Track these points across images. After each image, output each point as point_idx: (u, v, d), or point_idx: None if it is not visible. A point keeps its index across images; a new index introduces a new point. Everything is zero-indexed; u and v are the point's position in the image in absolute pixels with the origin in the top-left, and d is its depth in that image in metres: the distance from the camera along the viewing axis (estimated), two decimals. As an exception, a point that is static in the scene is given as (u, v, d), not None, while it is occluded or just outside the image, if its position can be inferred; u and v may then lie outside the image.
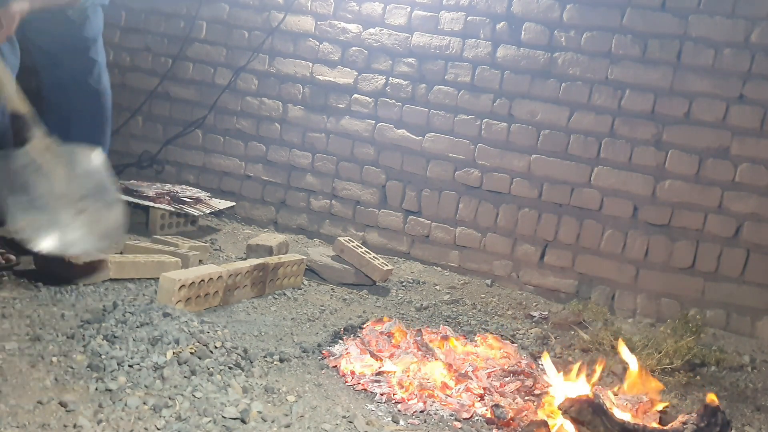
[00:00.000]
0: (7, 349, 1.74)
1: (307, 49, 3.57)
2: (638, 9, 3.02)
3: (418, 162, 3.40)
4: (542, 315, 2.91)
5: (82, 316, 2.03)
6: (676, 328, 2.64)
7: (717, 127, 2.96)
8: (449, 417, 1.83)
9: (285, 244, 3.12)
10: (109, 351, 1.76)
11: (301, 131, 3.59)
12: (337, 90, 3.52)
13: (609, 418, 1.64)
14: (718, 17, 2.92)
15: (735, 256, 2.95)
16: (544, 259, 3.21)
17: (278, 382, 1.84)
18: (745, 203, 2.93)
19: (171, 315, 1.95)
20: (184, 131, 3.78)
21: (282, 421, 1.62)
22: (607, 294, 3.12)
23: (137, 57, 3.82)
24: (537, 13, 3.17)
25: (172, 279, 2.18)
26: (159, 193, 3.23)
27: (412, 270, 3.29)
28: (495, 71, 3.25)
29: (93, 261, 2.32)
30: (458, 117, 3.32)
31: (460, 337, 2.36)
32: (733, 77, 2.92)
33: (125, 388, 1.64)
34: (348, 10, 3.48)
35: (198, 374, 1.74)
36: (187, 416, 1.56)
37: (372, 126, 3.47)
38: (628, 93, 3.06)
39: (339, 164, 3.54)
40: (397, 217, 3.45)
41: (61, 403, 1.54)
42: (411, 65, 3.39)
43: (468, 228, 3.33)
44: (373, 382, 1.94)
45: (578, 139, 3.14)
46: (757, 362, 2.67)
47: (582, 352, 2.53)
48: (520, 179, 3.23)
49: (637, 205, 3.07)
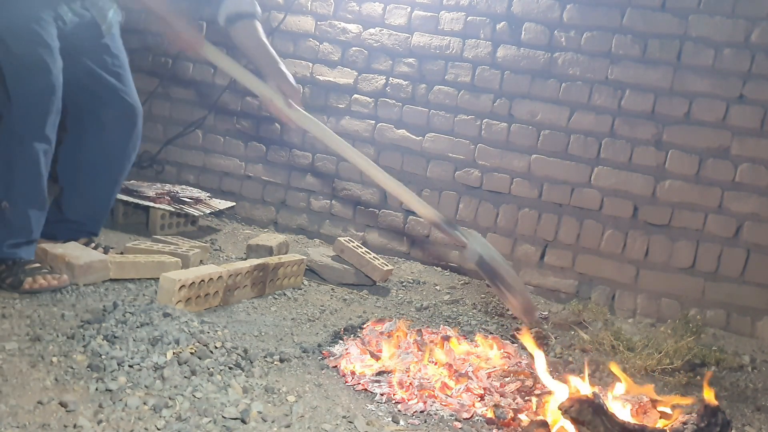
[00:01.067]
0: (7, 350, 1.74)
1: (307, 49, 3.57)
2: (638, 9, 3.02)
3: (418, 162, 3.40)
4: (542, 315, 2.91)
5: (83, 316, 2.03)
6: (676, 328, 2.64)
7: (717, 127, 2.96)
8: (449, 417, 1.83)
9: (285, 245, 3.12)
10: (109, 351, 1.76)
11: (301, 131, 3.59)
12: (337, 90, 3.52)
13: (609, 418, 1.64)
14: (718, 17, 2.92)
15: (735, 256, 2.95)
16: (544, 259, 3.21)
17: (278, 382, 1.84)
18: (745, 203, 2.93)
19: (171, 315, 1.96)
20: (184, 131, 3.78)
21: (282, 422, 1.62)
22: (607, 294, 3.12)
23: (137, 57, 3.82)
24: (537, 13, 3.17)
25: (172, 279, 2.18)
26: (159, 194, 3.23)
27: (412, 270, 3.29)
28: (495, 71, 3.25)
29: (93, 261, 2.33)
30: (458, 117, 3.32)
31: (460, 338, 2.36)
32: (734, 77, 2.92)
33: (125, 389, 1.64)
34: (348, 10, 3.48)
35: (198, 374, 1.74)
36: (187, 416, 1.56)
37: (372, 126, 3.47)
38: (628, 93, 3.06)
39: (339, 164, 3.54)
40: (397, 217, 3.45)
41: (62, 403, 1.54)
42: (411, 65, 3.39)
43: (468, 228, 3.32)
44: (373, 382, 1.94)
45: (578, 139, 3.14)
46: (757, 362, 2.67)
47: (582, 353, 2.53)
48: (520, 179, 3.23)
49: (638, 205, 3.07)
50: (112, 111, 2.47)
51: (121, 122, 2.50)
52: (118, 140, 2.52)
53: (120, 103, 2.48)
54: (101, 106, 2.45)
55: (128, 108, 2.50)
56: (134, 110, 2.53)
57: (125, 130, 2.52)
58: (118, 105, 2.48)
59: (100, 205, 2.60)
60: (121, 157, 2.56)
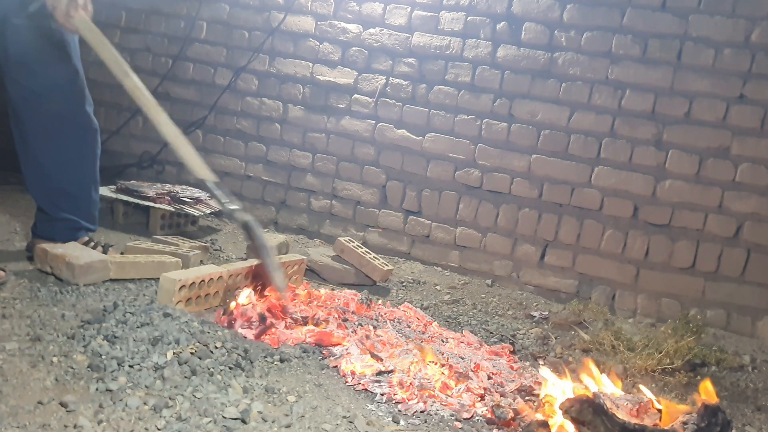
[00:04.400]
0: (7, 350, 1.74)
1: (307, 49, 3.57)
2: (638, 9, 3.02)
3: (419, 162, 3.40)
4: (542, 315, 2.91)
5: (83, 316, 2.03)
6: (676, 328, 2.64)
7: (717, 127, 2.96)
8: (450, 417, 1.83)
9: (285, 245, 3.12)
10: (109, 351, 1.76)
11: (301, 131, 3.59)
12: (337, 90, 3.52)
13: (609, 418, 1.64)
14: (718, 17, 2.92)
15: (735, 256, 2.95)
16: (544, 259, 3.21)
17: (279, 382, 1.84)
18: (745, 203, 2.93)
19: (171, 315, 1.95)
20: (185, 131, 3.77)
21: (282, 422, 1.62)
22: (607, 294, 3.12)
23: (137, 57, 3.82)
24: (537, 13, 3.17)
25: (172, 279, 2.18)
26: (159, 194, 3.23)
27: (413, 270, 3.29)
28: (495, 71, 3.25)
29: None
30: (458, 117, 3.32)
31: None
32: (734, 77, 2.92)
33: (126, 389, 1.64)
34: (348, 10, 3.48)
35: (198, 374, 1.74)
36: (187, 416, 1.56)
37: (372, 126, 3.47)
38: (628, 93, 3.06)
39: (339, 164, 3.54)
40: (397, 217, 3.45)
41: (62, 403, 1.54)
42: (411, 65, 3.39)
43: (468, 228, 3.33)
44: (373, 382, 1.94)
45: (578, 139, 3.14)
46: (757, 362, 2.67)
47: (582, 353, 2.53)
48: (521, 179, 3.23)
49: (638, 205, 3.07)
50: (58, 92, 2.39)
51: (68, 103, 2.43)
52: (69, 123, 2.44)
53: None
54: (46, 89, 2.37)
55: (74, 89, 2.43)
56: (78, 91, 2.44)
57: (74, 108, 2.44)
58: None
59: (82, 197, 2.54)
60: (80, 142, 2.48)
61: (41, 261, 2.34)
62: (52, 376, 1.66)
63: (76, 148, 2.49)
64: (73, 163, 2.50)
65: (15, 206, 3.10)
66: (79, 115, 2.46)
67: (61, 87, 2.40)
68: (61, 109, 2.42)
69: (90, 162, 2.55)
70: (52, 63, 2.38)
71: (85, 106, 2.47)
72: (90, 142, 2.52)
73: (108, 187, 3.20)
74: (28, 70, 2.35)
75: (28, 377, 1.64)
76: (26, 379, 1.62)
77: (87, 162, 2.54)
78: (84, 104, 2.47)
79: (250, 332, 2.10)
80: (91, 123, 2.50)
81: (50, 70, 2.38)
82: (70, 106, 2.44)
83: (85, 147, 2.51)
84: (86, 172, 2.54)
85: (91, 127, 2.51)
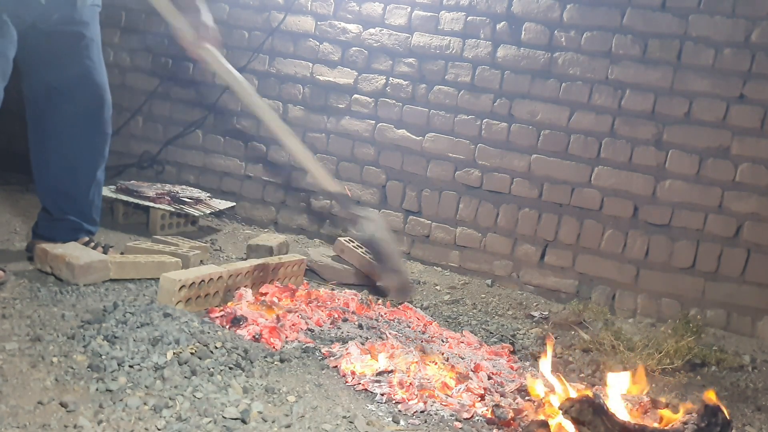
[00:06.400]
0: (7, 350, 1.74)
1: (307, 49, 3.57)
2: (638, 9, 3.02)
3: (419, 162, 3.40)
4: (542, 315, 2.91)
5: (83, 316, 2.03)
6: (676, 328, 2.64)
7: (717, 127, 2.96)
8: (450, 417, 1.83)
9: (285, 245, 3.12)
10: (109, 351, 1.76)
11: (301, 131, 3.59)
12: (337, 90, 3.52)
13: (609, 418, 1.64)
14: (719, 17, 2.92)
15: (735, 256, 2.95)
16: (544, 259, 3.21)
17: (279, 382, 1.84)
18: (745, 203, 2.93)
19: (171, 315, 1.96)
20: (185, 131, 3.78)
21: (282, 422, 1.62)
22: (607, 294, 3.12)
23: (137, 57, 3.82)
24: (537, 13, 3.17)
25: (172, 279, 2.18)
26: (159, 194, 3.23)
27: (413, 270, 3.29)
28: (495, 71, 3.25)
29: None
30: (458, 117, 3.32)
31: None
32: (734, 77, 2.92)
33: (126, 389, 1.64)
34: (348, 11, 3.48)
35: (198, 374, 1.74)
36: (187, 416, 1.56)
37: (372, 126, 3.47)
38: (628, 93, 3.06)
39: (339, 164, 3.54)
40: (397, 217, 3.45)
41: (62, 403, 1.54)
42: (411, 65, 3.39)
43: (468, 228, 3.33)
44: (373, 382, 1.94)
45: (578, 139, 3.14)
46: (757, 362, 2.67)
47: (582, 352, 2.53)
48: (521, 179, 3.23)
49: (638, 205, 3.07)
50: (79, 93, 2.44)
51: (87, 106, 2.47)
52: (85, 126, 2.48)
53: (88, 85, 2.46)
54: (67, 89, 2.42)
55: (96, 89, 2.48)
56: (101, 91, 2.49)
57: (92, 112, 2.49)
58: (87, 87, 2.45)
59: (85, 199, 2.57)
60: (91, 144, 2.52)
61: (41, 261, 2.35)
62: (52, 376, 1.66)
63: (88, 152, 2.54)
64: (82, 166, 2.54)
65: (15, 206, 3.10)
66: (97, 119, 2.51)
67: (83, 88, 2.45)
68: (81, 110, 2.46)
69: (98, 166, 2.58)
70: (75, 64, 2.42)
71: (104, 111, 2.52)
72: (101, 148, 2.56)
73: (108, 187, 3.20)
74: (53, 70, 2.40)
75: (28, 377, 1.64)
76: (26, 379, 1.63)
77: (95, 166, 2.57)
78: (103, 108, 2.51)
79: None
80: (106, 128, 2.54)
81: (73, 71, 2.42)
82: (89, 107, 2.48)
83: (95, 151, 2.55)
84: (93, 175, 2.57)
85: (106, 132, 2.55)
